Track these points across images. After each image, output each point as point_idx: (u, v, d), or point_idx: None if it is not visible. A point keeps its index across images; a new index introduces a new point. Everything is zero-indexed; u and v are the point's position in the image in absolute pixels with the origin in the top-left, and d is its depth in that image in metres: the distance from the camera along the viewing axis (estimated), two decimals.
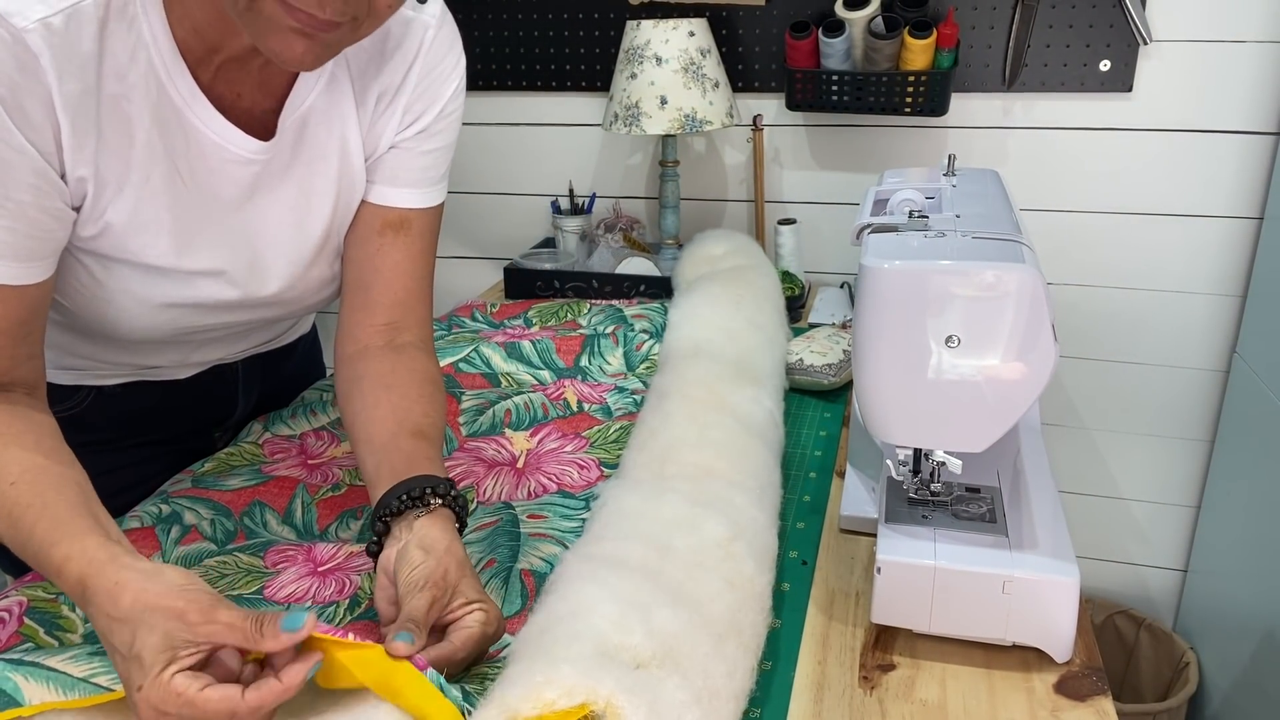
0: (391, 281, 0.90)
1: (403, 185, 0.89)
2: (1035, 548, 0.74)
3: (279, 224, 0.85)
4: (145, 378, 0.97)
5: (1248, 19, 1.45)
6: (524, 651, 0.63)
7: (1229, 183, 1.54)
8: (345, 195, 0.88)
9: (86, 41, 0.68)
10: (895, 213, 0.86)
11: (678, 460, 0.90)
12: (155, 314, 0.83)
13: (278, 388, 1.15)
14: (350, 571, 0.82)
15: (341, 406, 0.87)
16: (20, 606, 0.75)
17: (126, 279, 0.80)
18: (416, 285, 0.91)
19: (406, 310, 0.90)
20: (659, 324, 1.40)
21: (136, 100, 0.72)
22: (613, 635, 0.63)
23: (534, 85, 1.80)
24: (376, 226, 0.89)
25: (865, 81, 1.53)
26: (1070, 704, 0.69)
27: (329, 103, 0.83)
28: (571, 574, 0.72)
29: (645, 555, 0.74)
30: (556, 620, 0.66)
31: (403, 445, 0.79)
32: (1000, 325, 0.70)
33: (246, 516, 0.91)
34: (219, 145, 0.78)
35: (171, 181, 0.77)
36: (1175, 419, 1.70)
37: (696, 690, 0.62)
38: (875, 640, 0.77)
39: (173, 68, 0.73)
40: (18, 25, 0.64)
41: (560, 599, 0.68)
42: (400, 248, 0.90)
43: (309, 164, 0.84)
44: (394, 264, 0.89)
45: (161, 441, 1.03)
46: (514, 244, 1.90)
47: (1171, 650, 1.73)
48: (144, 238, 0.77)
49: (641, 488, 0.86)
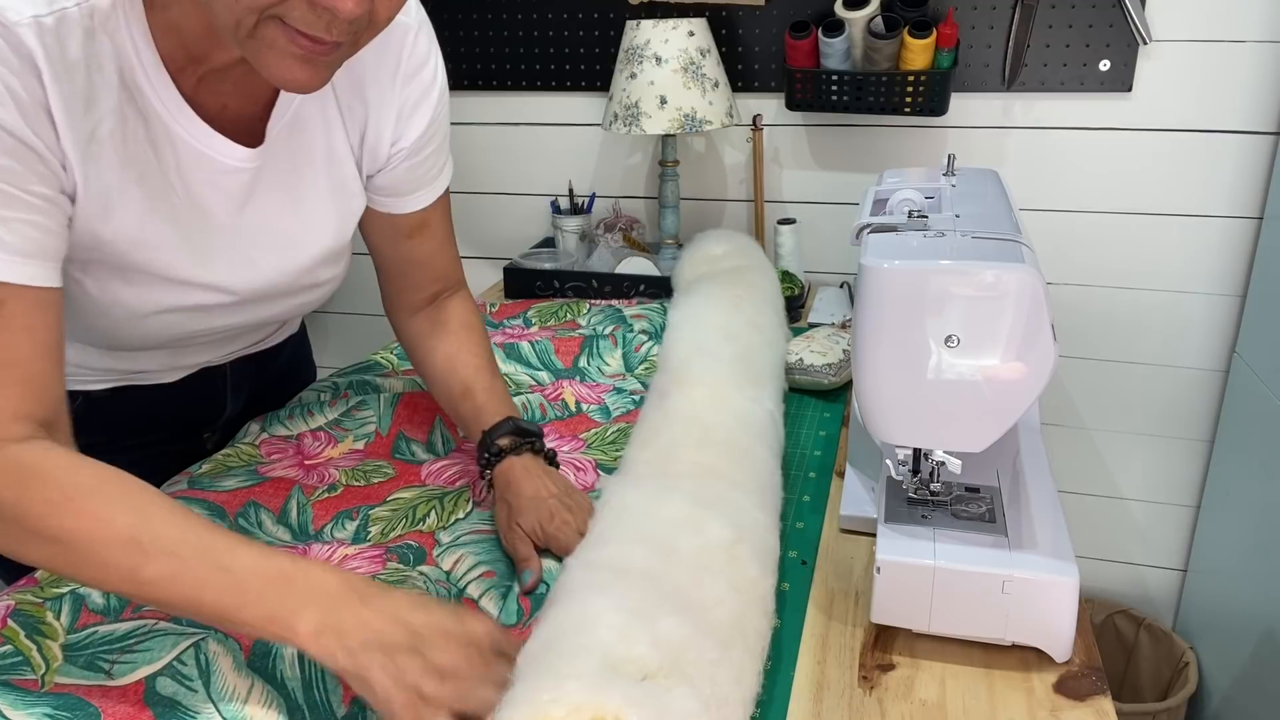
0: (427, 264, 0.99)
1: (412, 192, 0.94)
2: (1035, 547, 0.74)
3: (272, 230, 0.85)
4: (133, 382, 0.96)
5: (1248, 19, 1.45)
6: (529, 669, 0.62)
7: (1229, 183, 1.54)
8: (338, 197, 0.88)
9: (74, 48, 0.67)
10: (895, 212, 0.86)
11: (680, 459, 0.90)
12: (148, 323, 0.83)
13: (266, 388, 1.14)
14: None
15: (411, 362, 1.04)
16: (7, 610, 0.76)
17: (117, 290, 0.79)
18: (449, 258, 1.01)
19: (445, 280, 1.01)
20: (658, 324, 1.40)
21: (120, 111, 0.71)
22: (618, 647, 0.63)
23: (534, 85, 1.79)
24: (404, 231, 0.96)
25: (865, 81, 1.53)
26: (1070, 704, 0.69)
27: (315, 108, 0.83)
28: (575, 584, 0.72)
29: (649, 559, 0.74)
30: (561, 635, 0.65)
31: (461, 411, 0.96)
32: (1000, 325, 0.70)
33: (241, 517, 0.91)
34: (206, 156, 0.77)
35: (165, 194, 0.76)
36: (1175, 419, 1.70)
37: (705, 699, 0.62)
38: (875, 640, 0.77)
39: (156, 80, 0.72)
40: (10, 19, 0.63)
41: (565, 611, 0.68)
42: (427, 240, 0.98)
43: (298, 169, 0.84)
44: (426, 254, 0.98)
45: (152, 444, 1.03)
46: (513, 244, 1.90)
47: (1171, 650, 1.73)
48: (141, 251, 0.77)
49: (644, 485, 0.86)
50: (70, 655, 0.71)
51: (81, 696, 0.66)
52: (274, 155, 0.82)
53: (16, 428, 0.66)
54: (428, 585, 0.80)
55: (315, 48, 0.65)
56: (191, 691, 0.68)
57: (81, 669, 0.69)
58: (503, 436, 0.91)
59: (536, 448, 0.92)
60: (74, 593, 0.78)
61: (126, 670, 0.69)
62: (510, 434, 0.91)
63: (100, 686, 0.68)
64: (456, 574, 0.83)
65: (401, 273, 0.99)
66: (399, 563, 0.84)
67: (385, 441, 1.05)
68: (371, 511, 0.92)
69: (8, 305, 0.66)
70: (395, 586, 0.74)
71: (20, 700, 0.65)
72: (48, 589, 0.79)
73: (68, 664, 0.70)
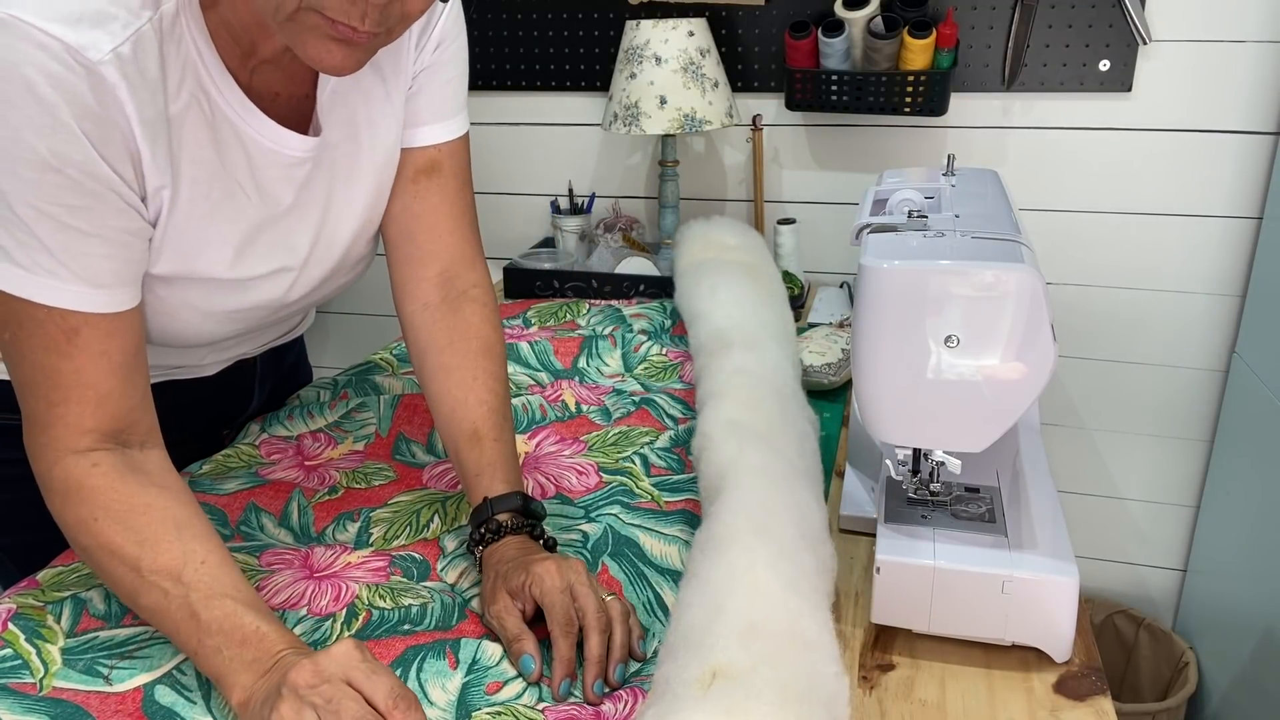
0: (434, 226, 0.91)
1: (424, 123, 0.89)
2: (1034, 548, 0.74)
3: (327, 210, 0.85)
4: (174, 376, 0.97)
5: (1247, 19, 1.45)
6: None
7: (1228, 182, 1.54)
8: (383, 172, 0.88)
9: (152, 66, 0.68)
10: (895, 213, 0.86)
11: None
12: (216, 321, 0.84)
13: (281, 382, 1.16)
14: (347, 580, 0.81)
15: (416, 374, 0.93)
16: (8, 613, 0.75)
17: (188, 293, 0.80)
18: (460, 226, 0.92)
19: (456, 255, 0.92)
20: (658, 324, 1.40)
21: (193, 118, 0.72)
22: None
23: (534, 85, 1.79)
24: (409, 174, 0.90)
25: (865, 81, 1.53)
26: (1069, 704, 0.69)
27: (352, 81, 0.83)
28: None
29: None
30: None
31: (464, 457, 0.86)
32: (999, 325, 0.70)
33: (243, 523, 0.91)
34: (275, 151, 0.78)
35: (232, 195, 0.77)
36: (1174, 419, 1.70)
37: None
38: (875, 640, 0.77)
39: (220, 81, 0.73)
40: (93, 59, 0.64)
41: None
42: (436, 190, 0.90)
43: (345, 146, 0.85)
44: (433, 208, 0.90)
45: (176, 443, 1.03)
46: (513, 244, 1.90)
47: (1171, 650, 1.72)
48: (209, 253, 0.78)
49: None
50: (69, 659, 0.71)
51: (79, 704, 0.66)
52: (331, 138, 0.83)
53: (81, 440, 0.70)
54: (432, 596, 0.79)
55: (351, 33, 0.66)
56: (190, 703, 0.68)
57: (80, 674, 0.69)
58: (504, 512, 0.81)
59: (537, 533, 0.82)
60: (75, 597, 0.78)
61: (125, 676, 0.69)
62: (514, 511, 0.81)
63: (98, 693, 0.68)
64: (461, 586, 0.83)
65: (408, 234, 0.91)
66: (403, 575, 0.83)
67: (385, 443, 1.05)
68: (373, 514, 0.92)
69: (81, 334, 0.69)
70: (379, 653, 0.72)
71: (18, 705, 0.65)
72: (49, 592, 0.79)
73: (66, 668, 0.70)
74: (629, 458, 1.01)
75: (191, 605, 0.66)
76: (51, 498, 0.71)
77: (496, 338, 0.92)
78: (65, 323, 0.68)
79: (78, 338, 0.69)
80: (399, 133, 0.88)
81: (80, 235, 0.67)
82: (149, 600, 0.68)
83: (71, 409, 0.70)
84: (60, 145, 0.64)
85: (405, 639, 0.73)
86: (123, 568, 0.68)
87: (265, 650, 0.65)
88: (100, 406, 0.71)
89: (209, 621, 0.66)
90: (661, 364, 1.26)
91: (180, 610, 0.66)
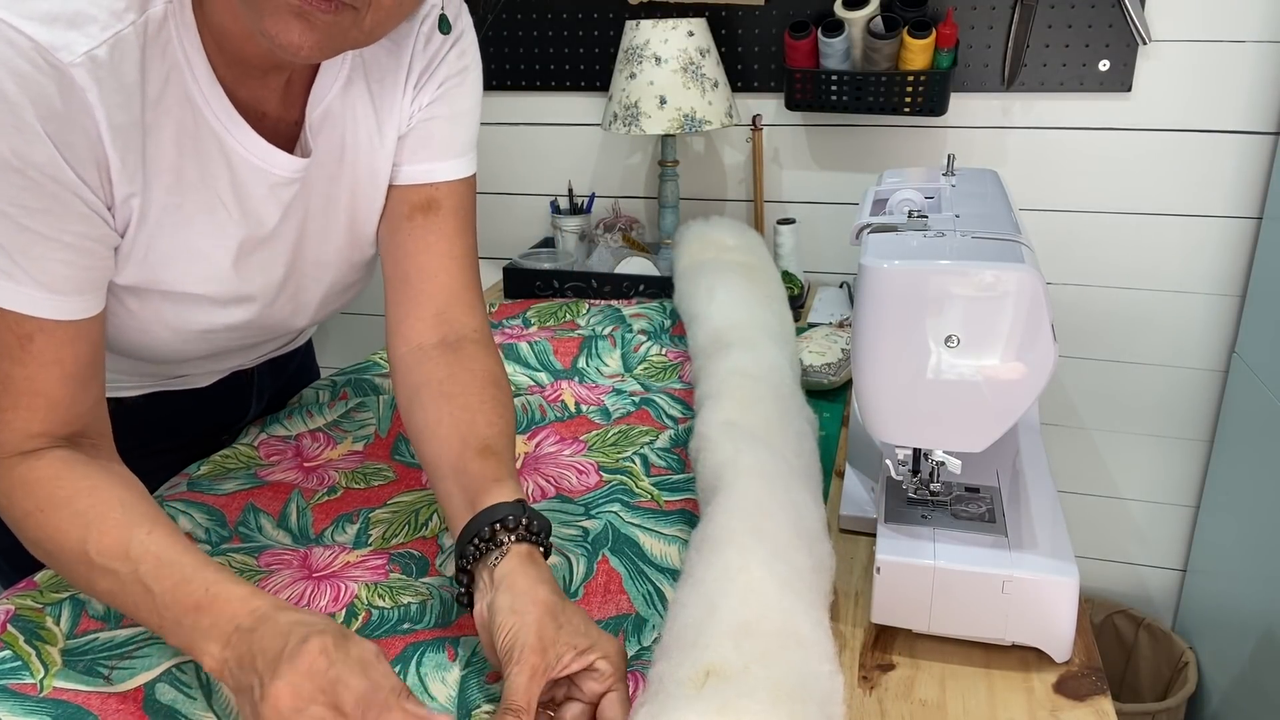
0: (429, 266, 0.85)
1: (422, 160, 0.85)
2: (1034, 547, 0.74)
3: (310, 235, 0.84)
4: (168, 387, 0.96)
5: (1247, 19, 1.45)
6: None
7: (1228, 182, 1.54)
8: (361, 202, 0.85)
9: (130, 71, 0.66)
10: (894, 212, 0.86)
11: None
12: (186, 340, 0.82)
13: (283, 389, 1.15)
14: (346, 579, 0.81)
15: (405, 419, 0.84)
16: (7, 615, 0.75)
17: (160, 307, 0.78)
18: (458, 268, 0.86)
19: (453, 298, 0.86)
20: (658, 324, 1.40)
21: (173, 127, 0.70)
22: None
23: (533, 85, 1.79)
24: (404, 211, 0.85)
25: (864, 81, 1.53)
26: (1069, 704, 0.69)
27: (343, 105, 0.80)
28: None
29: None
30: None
31: (470, 468, 0.75)
32: (999, 325, 0.70)
33: (241, 524, 0.91)
34: (262, 169, 0.76)
35: (212, 210, 0.75)
36: (1174, 419, 1.70)
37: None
38: (875, 640, 0.77)
39: (208, 90, 0.71)
40: (64, 60, 0.62)
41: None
42: (432, 229, 0.85)
43: (332, 171, 0.83)
44: (428, 247, 0.85)
45: (172, 450, 1.03)
46: (513, 244, 1.90)
47: (1170, 650, 1.73)
48: (182, 266, 0.76)
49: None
50: (70, 660, 0.71)
51: (80, 704, 0.66)
52: (316, 162, 0.80)
53: (29, 443, 0.69)
54: (431, 592, 0.80)
55: (308, 5, 0.62)
56: (190, 699, 0.67)
57: (80, 674, 0.69)
58: (513, 516, 0.72)
59: (542, 542, 0.73)
60: (74, 598, 0.78)
61: (126, 676, 0.69)
62: (526, 518, 0.72)
63: (99, 693, 0.67)
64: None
65: (403, 275, 0.86)
66: (401, 573, 0.83)
67: (385, 443, 1.05)
68: (372, 514, 0.92)
69: (36, 340, 0.68)
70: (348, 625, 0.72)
71: (19, 706, 0.65)
72: (48, 594, 0.79)
73: (67, 669, 0.70)
74: (629, 457, 1.01)
75: (143, 579, 0.64)
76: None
77: (502, 372, 0.86)
78: (20, 328, 0.67)
79: (31, 344, 0.67)
80: (386, 167, 0.84)
81: (38, 238, 0.65)
82: (105, 585, 0.66)
83: (20, 414, 0.68)
84: (22, 145, 0.62)
85: (405, 638, 0.73)
86: (72, 557, 0.66)
87: (222, 613, 0.62)
88: (51, 412, 0.69)
89: (161, 594, 0.64)
90: (661, 364, 1.26)
91: (134, 587, 0.65)
